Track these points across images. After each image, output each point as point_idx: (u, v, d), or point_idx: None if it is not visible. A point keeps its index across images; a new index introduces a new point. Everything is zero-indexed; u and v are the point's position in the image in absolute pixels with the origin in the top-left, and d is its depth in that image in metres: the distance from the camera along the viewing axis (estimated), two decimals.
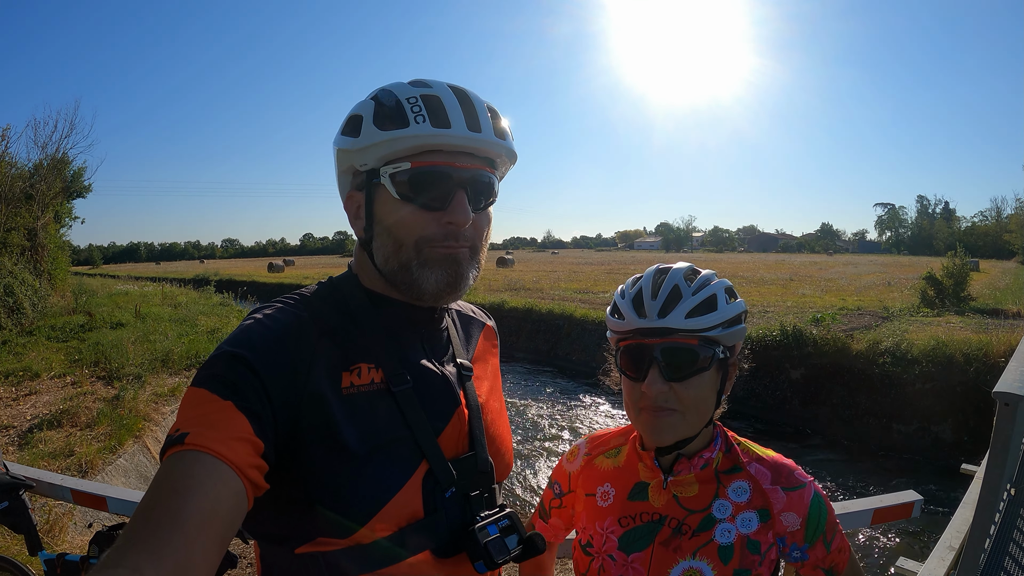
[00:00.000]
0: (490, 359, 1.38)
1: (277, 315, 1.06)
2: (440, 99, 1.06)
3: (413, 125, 1.04)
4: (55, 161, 19.18)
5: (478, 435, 1.16)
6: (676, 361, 1.22)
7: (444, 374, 1.17)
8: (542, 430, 13.16)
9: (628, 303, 1.28)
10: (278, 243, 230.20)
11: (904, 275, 35.52)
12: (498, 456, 1.21)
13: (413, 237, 1.08)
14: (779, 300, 22.62)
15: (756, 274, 39.02)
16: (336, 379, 1.04)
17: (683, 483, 1.31)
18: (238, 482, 0.85)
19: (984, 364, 11.25)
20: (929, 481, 10.09)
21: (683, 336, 1.22)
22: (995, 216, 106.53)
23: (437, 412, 1.11)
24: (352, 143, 1.09)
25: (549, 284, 31.52)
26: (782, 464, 1.32)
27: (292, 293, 1.16)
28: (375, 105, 1.09)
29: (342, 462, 0.99)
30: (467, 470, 1.12)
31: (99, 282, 29.80)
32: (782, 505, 1.26)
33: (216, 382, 0.93)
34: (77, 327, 13.42)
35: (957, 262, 20.16)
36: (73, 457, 6.58)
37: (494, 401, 1.29)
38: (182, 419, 0.90)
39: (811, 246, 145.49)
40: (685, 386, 1.22)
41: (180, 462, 0.84)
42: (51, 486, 3.03)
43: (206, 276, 40.92)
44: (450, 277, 1.09)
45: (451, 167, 1.07)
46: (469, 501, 1.10)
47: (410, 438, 1.06)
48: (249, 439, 0.89)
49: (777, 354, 14.31)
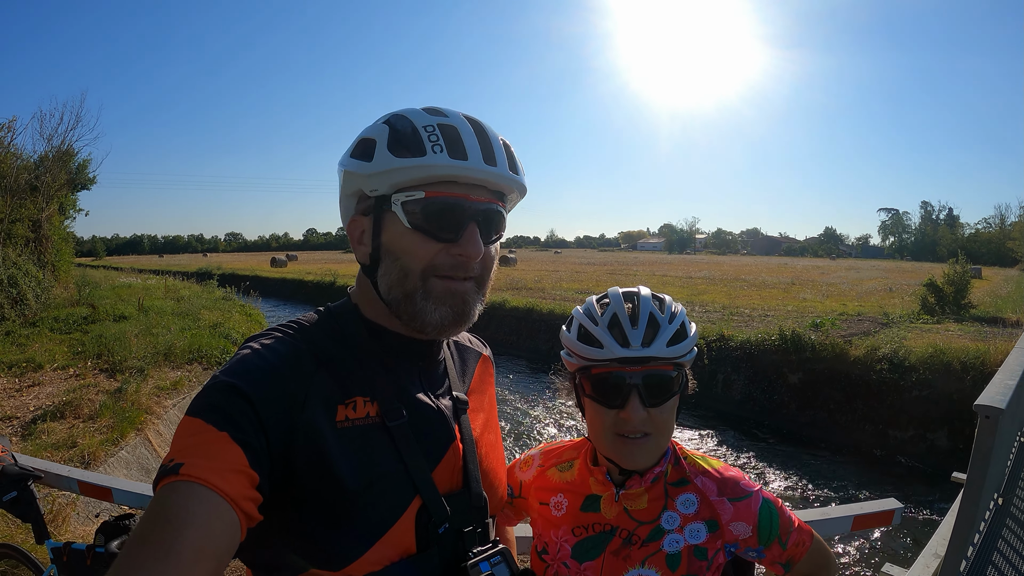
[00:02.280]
0: (486, 390, 1.38)
1: (275, 345, 1.06)
2: (457, 130, 1.05)
3: (430, 155, 1.02)
4: (60, 153, 19.14)
5: (472, 470, 1.17)
6: (656, 388, 1.26)
7: (440, 408, 1.17)
8: (539, 431, 13.17)
9: (605, 331, 1.28)
10: (281, 238, 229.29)
11: (906, 281, 35.42)
12: (491, 490, 1.22)
13: (420, 265, 1.06)
14: (780, 304, 22.63)
15: (758, 277, 38.94)
16: (332, 412, 1.04)
17: (633, 496, 1.35)
18: (232, 514, 0.86)
19: (981, 373, 11.23)
20: (922, 488, 10.13)
21: (661, 364, 1.26)
22: (999, 223, 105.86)
23: (432, 447, 1.12)
24: (363, 167, 1.06)
25: (551, 284, 31.41)
26: (728, 476, 1.36)
27: (290, 322, 1.16)
28: (389, 130, 1.06)
29: (336, 496, 0.99)
30: (461, 505, 1.12)
31: (102, 274, 29.86)
32: (730, 516, 1.31)
33: (212, 412, 0.92)
34: (80, 319, 13.53)
35: (958, 269, 20.09)
36: (76, 448, 6.64)
37: (489, 434, 1.30)
38: (176, 449, 0.90)
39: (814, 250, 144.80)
40: (660, 411, 1.27)
41: (174, 493, 0.84)
42: (58, 477, 3.12)
43: (209, 270, 41.00)
44: (456, 312, 1.09)
45: (466, 199, 1.06)
46: (462, 537, 1.11)
47: (404, 473, 1.06)
48: (244, 471, 0.89)
49: (776, 358, 14.33)
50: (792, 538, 1.35)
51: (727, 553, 1.34)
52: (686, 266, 56.61)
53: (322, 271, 43.80)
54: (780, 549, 1.34)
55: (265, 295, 29.96)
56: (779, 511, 1.35)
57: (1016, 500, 4.91)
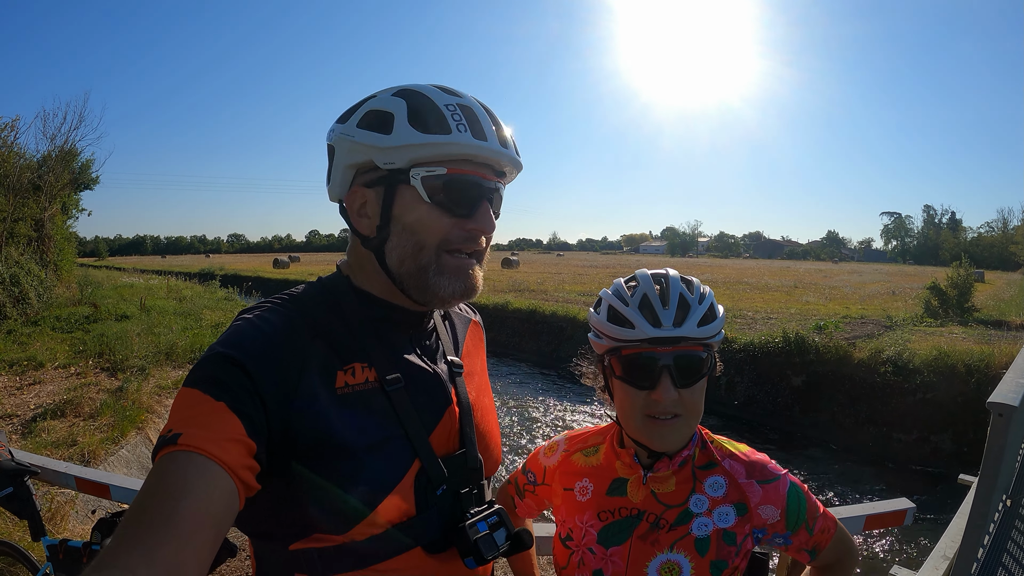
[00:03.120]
0: (478, 354, 1.40)
1: (268, 315, 1.07)
2: (474, 111, 1.09)
3: (455, 133, 1.05)
4: (63, 153, 19.17)
5: (468, 432, 1.18)
6: (687, 369, 1.25)
7: (435, 372, 1.18)
8: (543, 431, 13.16)
9: (635, 311, 1.27)
10: (284, 239, 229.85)
11: (909, 284, 35.42)
12: (487, 452, 1.23)
13: (436, 239, 1.09)
14: (783, 307, 22.59)
15: (761, 280, 38.90)
16: (331, 378, 1.05)
17: (661, 479, 1.33)
18: (230, 483, 0.86)
19: (985, 375, 11.22)
20: (927, 490, 10.08)
21: (692, 344, 1.25)
22: (1001, 227, 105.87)
23: (429, 410, 1.13)
24: (380, 140, 1.06)
25: (554, 286, 31.43)
26: (756, 459, 1.35)
27: (282, 293, 1.17)
28: (407, 105, 1.07)
29: (338, 461, 1.00)
30: (458, 467, 1.14)
31: (104, 274, 29.94)
32: (759, 498, 1.30)
33: (208, 383, 0.93)
34: (82, 318, 13.54)
35: (962, 272, 20.08)
36: (76, 447, 6.61)
37: (484, 397, 1.31)
38: (174, 419, 0.91)
39: (816, 253, 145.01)
40: (691, 392, 1.26)
41: (173, 463, 0.85)
42: (56, 473, 3.07)
43: (211, 270, 41.09)
44: (466, 287, 1.12)
45: (482, 178, 1.10)
46: (459, 498, 1.12)
47: (403, 437, 1.07)
48: (242, 440, 0.90)
49: (779, 361, 14.30)
50: (819, 524, 1.33)
51: (754, 539, 1.32)
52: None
53: (325, 272, 43.18)
54: (807, 535, 1.32)
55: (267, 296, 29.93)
56: (806, 496, 1.33)
57: None
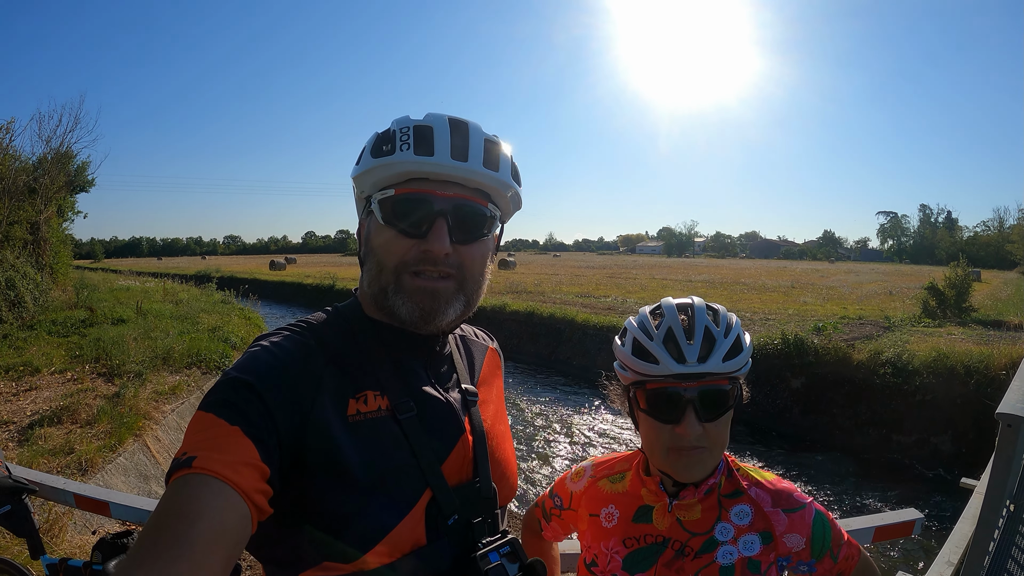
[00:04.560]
0: (495, 382, 1.39)
1: (284, 343, 1.08)
2: (432, 129, 1.09)
3: (398, 153, 1.08)
4: (59, 155, 19.12)
5: (482, 462, 1.17)
6: (711, 403, 1.24)
7: (448, 401, 1.18)
8: (541, 435, 13.14)
9: (660, 346, 1.26)
10: (280, 241, 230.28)
11: (906, 284, 35.46)
12: (502, 480, 1.22)
13: (392, 262, 1.11)
14: (780, 308, 22.58)
15: (758, 281, 38.93)
16: (343, 406, 1.05)
17: (687, 507, 1.33)
18: (244, 506, 0.87)
19: (985, 376, 11.23)
20: (927, 493, 10.09)
21: (717, 378, 1.24)
22: (997, 226, 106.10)
23: (442, 439, 1.13)
24: (355, 171, 1.15)
25: (551, 287, 31.42)
26: (781, 487, 1.35)
27: (300, 320, 1.18)
28: (376, 136, 1.14)
29: (347, 489, 1.00)
30: (470, 497, 1.13)
31: (101, 277, 29.83)
32: (784, 527, 1.29)
33: (224, 407, 0.94)
34: (78, 322, 13.43)
35: (959, 272, 20.00)
36: (73, 455, 6.56)
37: (499, 425, 1.30)
38: (189, 442, 0.91)
39: (813, 253, 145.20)
40: (715, 425, 1.25)
41: (187, 485, 0.85)
42: (54, 490, 3.03)
43: (208, 273, 40.99)
44: (423, 310, 1.11)
45: (432, 195, 1.10)
46: (472, 528, 1.11)
47: (415, 466, 1.07)
48: (255, 464, 0.91)
49: (778, 363, 14.30)
50: (843, 552, 1.34)
51: (779, 567, 1.32)
52: (685, 269, 56.66)
53: (321, 274, 43.88)
54: (831, 563, 1.33)
55: (264, 298, 29.91)
56: (831, 524, 1.33)
57: None
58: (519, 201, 1.24)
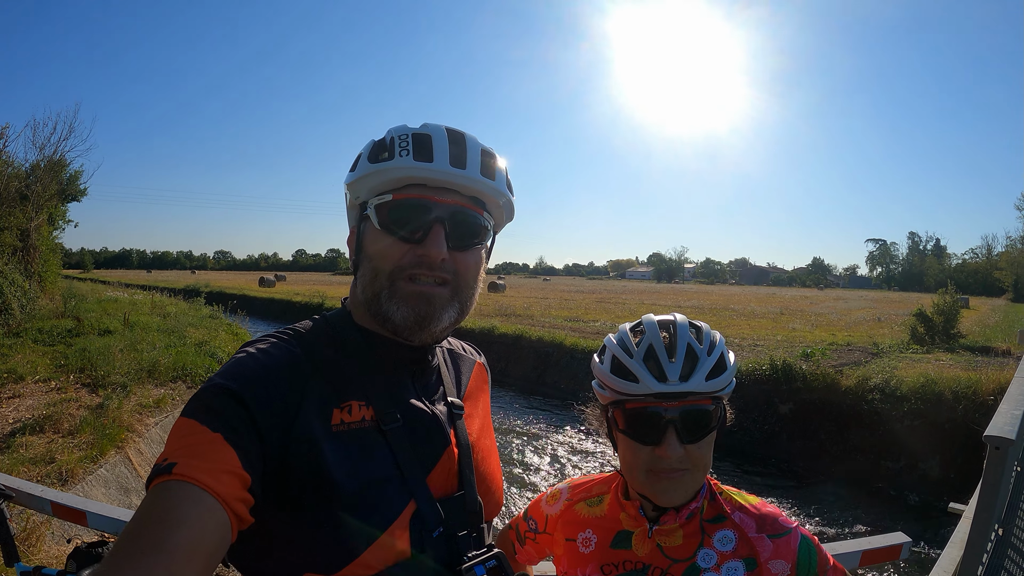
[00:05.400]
0: (481, 396, 1.39)
1: (270, 349, 1.08)
2: (430, 137, 1.10)
3: (396, 158, 1.09)
4: (52, 163, 19.14)
5: (468, 475, 1.17)
6: (693, 424, 1.21)
7: (434, 413, 1.17)
8: (526, 458, 13.05)
9: (640, 364, 1.22)
10: (270, 258, 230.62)
11: (894, 311, 35.69)
12: (488, 495, 1.21)
13: (388, 267, 1.10)
14: (769, 334, 22.64)
15: (747, 307, 39.07)
16: (327, 416, 1.05)
17: (668, 532, 1.29)
18: (224, 515, 0.86)
19: (973, 402, 11.26)
20: (915, 518, 10.05)
21: (700, 398, 1.21)
22: (986, 253, 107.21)
23: (427, 451, 1.12)
24: (350, 177, 1.15)
25: (540, 311, 31.37)
26: (766, 512, 1.31)
27: (287, 328, 1.17)
28: (373, 143, 1.14)
29: (330, 499, 0.99)
30: (455, 510, 1.12)
31: (89, 287, 29.59)
32: (769, 553, 1.25)
33: (206, 414, 0.94)
34: (65, 331, 13.29)
35: (947, 299, 20.05)
36: (54, 464, 6.49)
37: (485, 439, 1.29)
38: (171, 449, 0.91)
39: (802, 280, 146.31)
40: (698, 447, 1.21)
41: (167, 492, 0.85)
42: (31, 497, 2.97)
43: (197, 287, 40.69)
44: (418, 315, 1.10)
45: (430, 201, 1.10)
46: (457, 541, 1.10)
47: (399, 477, 1.06)
48: (237, 472, 0.90)
49: (766, 388, 14.27)
50: None
51: None
52: (675, 295, 56.72)
53: (310, 292, 43.71)
54: None
55: (252, 315, 29.77)
56: (817, 549, 1.28)
57: (1016, 531, 4.84)
58: (512, 211, 1.25)
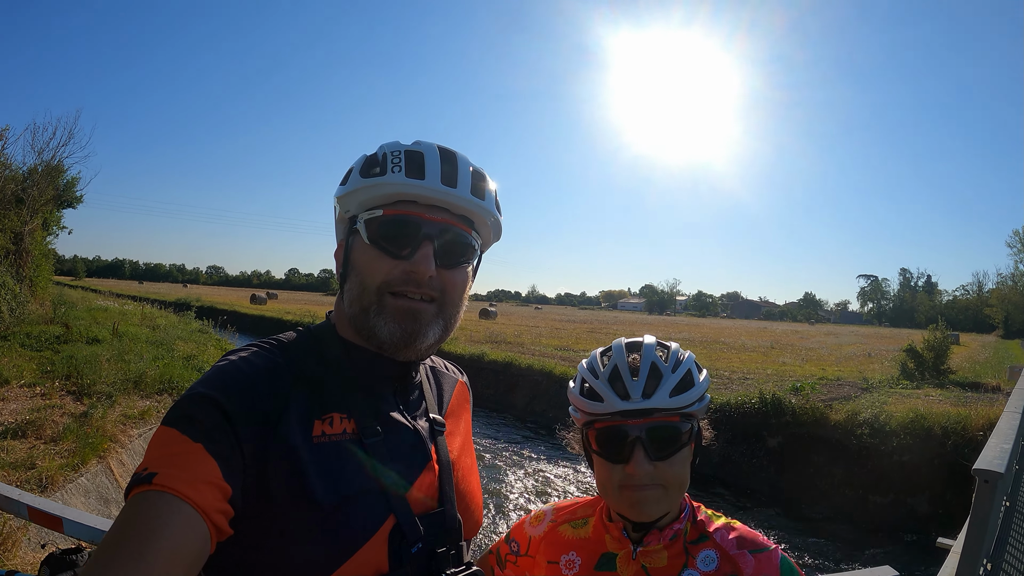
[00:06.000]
0: (463, 415, 1.39)
1: (253, 359, 1.07)
2: (423, 155, 1.12)
3: (389, 174, 1.09)
4: (49, 168, 19.12)
5: (448, 491, 1.16)
6: (661, 441, 1.21)
7: (416, 428, 1.18)
8: (512, 485, 12.97)
9: (605, 384, 1.25)
10: (263, 275, 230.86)
11: (885, 347, 35.83)
12: (467, 513, 1.20)
13: (376, 281, 1.11)
14: (760, 367, 22.69)
15: (738, 340, 39.21)
16: (307, 427, 1.04)
17: (652, 554, 1.28)
18: (203, 526, 0.86)
19: (962, 438, 11.27)
20: (903, 553, 10.04)
21: (666, 415, 1.22)
22: (976, 290, 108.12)
23: (407, 466, 1.12)
24: (341, 190, 1.16)
25: (531, 339, 31.37)
26: (746, 531, 1.31)
27: (270, 338, 1.17)
28: (365, 158, 1.16)
29: (309, 511, 0.98)
30: (435, 526, 1.11)
31: (80, 295, 29.56)
32: (752, 569, 1.24)
33: (187, 423, 0.93)
34: (53, 338, 13.22)
35: (938, 335, 20.13)
36: (34, 470, 6.41)
37: (465, 457, 1.29)
38: (151, 458, 0.91)
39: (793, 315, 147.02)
40: (669, 463, 1.22)
41: (146, 502, 0.85)
42: (8, 500, 2.92)
43: (188, 301, 40.53)
44: (405, 331, 1.11)
45: (421, 218, 1.11)
46: (436, 558, 1.09)
47: (379, 491, 1.05)
48: (217, 483, 0.90)
49: (755, 421, 14.24)
50: None
51: None
52: (666, 327, 56.73)
53: (302, 312, 43.68)
54: None
55: (242, 331, 29.69)
56: (798, 571, 1.28)
57: (1005, 565, 4.84)
58: (500, 231, 1.26)
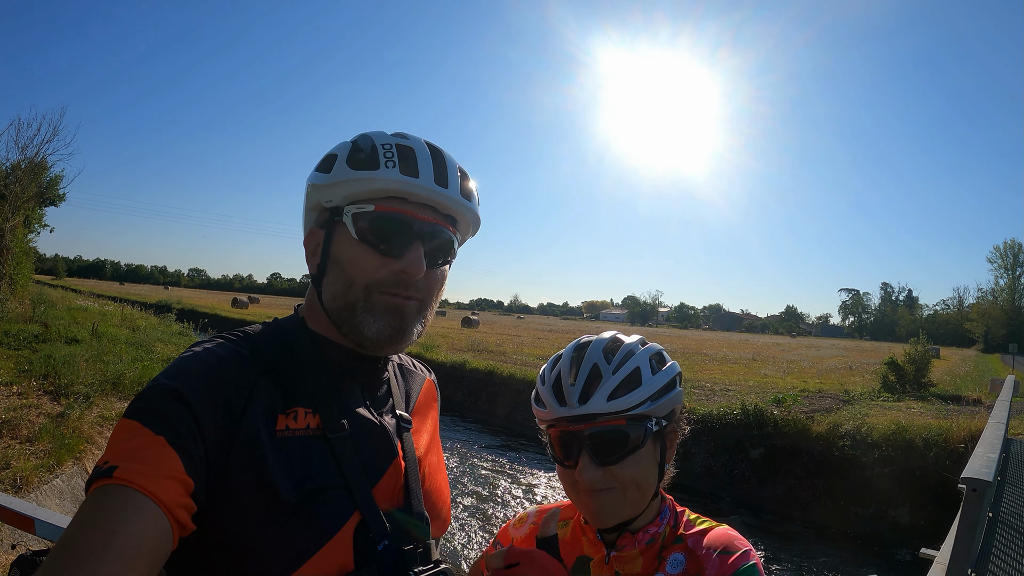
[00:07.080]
0: (430, 413, 1.37)
1: (217, 350, 1.05)
2: (414, 150, 1.10)
3: (382, 169, 1.06)
4: (32, 165, 18.89)
5: (414, 488, 1.15)
6: (606, 445, 1.18)
7: (382, 424, 1.16)
8: (492, 493, 12.93)
9: (549, 390, 1.24)
10: (245, 279, 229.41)
11: (866, 360, 36.15)
12: (434, 511, 1.19)
13: (364, 280, 1.08)
14: (741, 379, 22.78)
15: (719, 352, 39.41)
16: (272, 421, 1.02)
17: (626, 559, 1.25)
18: (165, 521, 0.85)
19: (944, 450, 11.40)
20: (885, 564, 10.08)
21: (609, 419, 1.18)
22: (957, 305, 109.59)
23: (373, 462, 1.10)
24: (323, 179, 1.11)
25: (513, 348, 31.27)
26: (722, 533, 1.25)
27: (236, 330, 1.15)
28: (351, 146, 1.11)
29: (271, 507, 0.96)
30: (401, 523, 1.09)
31: (60, 294, 29.20)
32: (714, 570, 1.18)
33: (150, 416, 0.91)
34: (31, 336, 12.98)
35: (919, 348, 20.38)
36: (8, 471, 6.31)
37: (432, 455, 1.28)
38: (112, 451, 0.89)
39: (775, 327, 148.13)
40: (621, 467, 1.18)
41: (107, 496, 0.83)
42: None
43: (168, 303, 40.36)
44: (393, 328, 1.09)
45: (413, 217, 1.09)
46: (402, 555, 1.06)
47: (343, 487, 1.04)
48: (180, 478, 0.88)
49: (737, 433, 14.29)
50: None
51: None
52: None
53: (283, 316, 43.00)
54: None
55: None
56: None
57: (988, 575, 4.86)
58: (478, 227, 1.25)
